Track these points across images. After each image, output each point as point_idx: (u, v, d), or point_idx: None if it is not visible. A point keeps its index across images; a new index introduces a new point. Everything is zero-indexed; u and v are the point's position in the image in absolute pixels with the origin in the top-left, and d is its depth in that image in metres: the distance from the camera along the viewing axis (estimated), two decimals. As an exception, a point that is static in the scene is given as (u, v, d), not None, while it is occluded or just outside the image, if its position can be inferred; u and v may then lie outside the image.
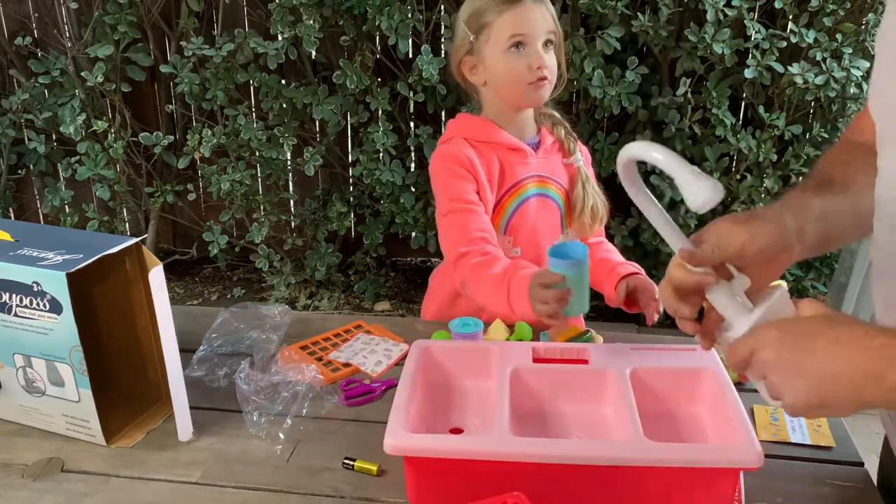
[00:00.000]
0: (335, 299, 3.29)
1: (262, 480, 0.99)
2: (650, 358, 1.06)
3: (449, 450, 0.89)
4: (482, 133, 1.42)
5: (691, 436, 1.01)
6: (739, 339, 0.77)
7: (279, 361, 1.21)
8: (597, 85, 2.63)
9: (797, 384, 0.70)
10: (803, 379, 0.70)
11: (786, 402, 0.72)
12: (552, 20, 1.36)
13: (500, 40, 1.34)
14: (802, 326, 0.74)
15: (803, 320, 0.75)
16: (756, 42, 2.59)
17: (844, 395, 0.69)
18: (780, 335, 0.73)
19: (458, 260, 1.34)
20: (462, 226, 1.35)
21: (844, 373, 0.68)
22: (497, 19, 1.34)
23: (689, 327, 0.86)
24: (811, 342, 0.71)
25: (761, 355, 0.73)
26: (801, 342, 0.71)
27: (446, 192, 1.39)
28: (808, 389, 0.70)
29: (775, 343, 0.73)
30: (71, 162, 3.09)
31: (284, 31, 2.75)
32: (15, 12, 3.18)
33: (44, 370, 1.03)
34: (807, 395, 0.70)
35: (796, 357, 0.71)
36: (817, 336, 0.71)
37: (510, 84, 1.37)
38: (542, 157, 1.45)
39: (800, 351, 0.71)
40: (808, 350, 0.70)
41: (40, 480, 0.99)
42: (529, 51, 1.34)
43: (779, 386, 0.72)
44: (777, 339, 0.73)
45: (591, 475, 0.88)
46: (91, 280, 1.05)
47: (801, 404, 0.71)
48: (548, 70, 1.35)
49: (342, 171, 3.22)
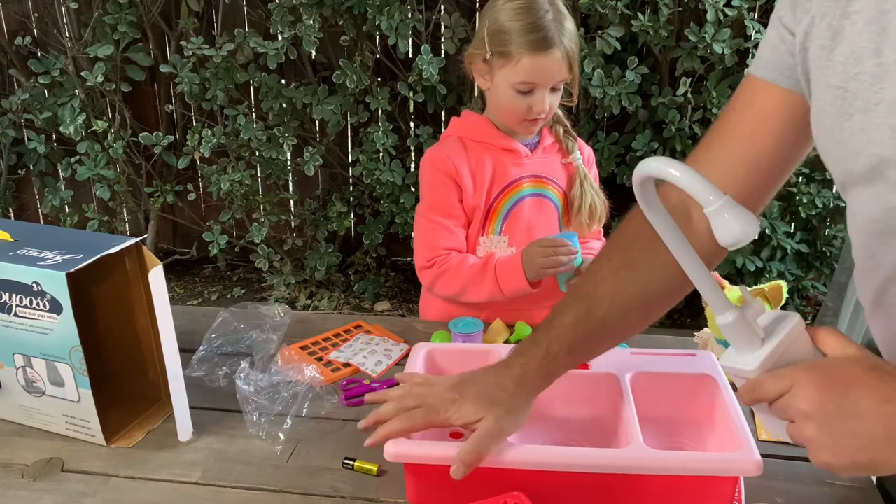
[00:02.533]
0: (335, 299, 3.29)
1: (262, 480, 0.99)
2: (651, 363, 1.06)
3: (448, 456, 0.89)
4: (478, 133, 1.43)
5: (691, 441, 1.01)
6: (764, 378, 0.70)
7: (279, 361, 1.21)
8: (597, 85, 2.62)
9: (841, 443, 0.64)
10: (850, 439, 0.64)
11: (821, 458, 0.66)
12: (568, 68, 1.34)
13: (512, 78, 1.34)
14: (844, 374, 0.67)
15: (842, 366, 0.68)
16: (756, 42, 2.59)
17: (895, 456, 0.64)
18: (821, 384, 0.66)
19: (424, 269, 1.43)
20: (434, 238, 1.42)
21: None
22: (517, 56, 1.32)
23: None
24: (858, 398, 0.64)
25: (798, 404, 0.66)
26: (847, 396, 0.65)
27: (429, 197, 1.44)
28: (856, 451, 0.64)
29: (816, 392, 0.66)
30: (71, 162, 3.09)
31: (284, 31, 2.75)
32: (15, 12, 3.18)
33: (44, 370, 1.03)
34: (852, 456, 0.65)
35: (842, 413, 0.64)
36: (865, 390, 0.64)
37: (507, 113, 1.40)
38: (539, 157, 1.45)
39: (846, 406, 0.64)
40: (856, 407, 0.64)
41: (40, 480, 0.99)
42: (535, 98, 1.35)
43: (817, 440, 0.66)
44: (818, 387, 0.66)
45: (591, 481, 0.88)
46: (91, 280, 1.05)
47: (842, 464, 0.65)
48: (547, 111, 1.37)
49: (342, 171, 3.22)
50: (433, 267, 1.42)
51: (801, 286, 2.95)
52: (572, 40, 1.34)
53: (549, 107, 1.37)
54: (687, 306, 3.00)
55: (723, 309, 0.72)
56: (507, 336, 1.32)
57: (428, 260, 1.42)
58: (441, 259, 1.42)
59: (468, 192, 1.42)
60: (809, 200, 2.75)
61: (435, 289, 1.43)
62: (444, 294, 1.43)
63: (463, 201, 1.43)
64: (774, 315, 0.74)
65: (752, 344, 0.72)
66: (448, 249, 1.42)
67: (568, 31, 1.33)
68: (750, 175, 0.85)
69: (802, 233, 2.93)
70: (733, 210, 0.62)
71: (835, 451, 0.65)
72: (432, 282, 1.43)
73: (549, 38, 1.30)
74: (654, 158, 0.66)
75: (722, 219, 0.62)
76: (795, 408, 0.67)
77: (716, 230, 0.62)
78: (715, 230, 0.62)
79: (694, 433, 1.02)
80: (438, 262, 1.42)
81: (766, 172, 0.85)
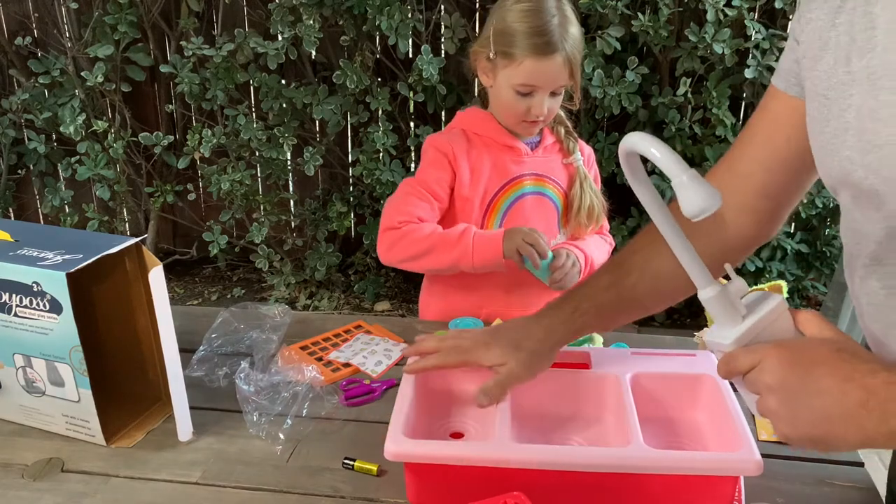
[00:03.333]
0: (335, 299, 3.29)
1: (262, 480, 0.99)
2: (651, 363, 1.06)
3: (449, 456, 0.89)
4: (480, 128, 1.44)
5: (691, 442, 1.01)
6: (738, 351, 0.73)
7: (279, 361, 1.21)
8: (597, 85, 2.63)
9: (800, 416, 0.68)
10: (808, 413, 0.67)
11: (781, 430, 0.70)
12: (569, 73, 1.34)
13: (513, 79, 1.35)
14: (811, 353, 0.70)
15: (811, 345, 0.72)
16: (756, 42, 2.59)
17: (850, 436, 0.66)
18: (788, 359, 0.70)
19: (390, 230, 1.40)
20: (411, 205, 1.41)
21: (855, 415, 0.65)
22: (519, 58, 1.33)
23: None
24: (820, 376, 0.67)
25: (764, 377, 0.70)
26: (810, 373, 0.68)
27: (421, 172, 1.45)
28: (812, 425, 0.68)
29: (781, 368, 0.69)
30: (71, 162, 3.09)
31: (284, 31, 2.75)
32: (15, 12, 3.18)
33: (44, 370, 1.03)
34: (809, 429, 0.68)
35: (804, 389, 0.68)
36: (827, 368, 0.68)
37: (507, 113, 1.41)
38: (540, 157, 1.45)
39: (808, 383, 0.68)
40: (817, 384, 0.67)
41: (40, 480, 0.99)
42: (535, 100, 1.36)
43: (777, 412, 0.70)
44: (783, 363, 0.70)
45: (591, 481, 0.88)
46: (91, 280, 1.05)
47: (798, 436, 0.69)
48: (545, 114, 1.37)
49: (342, 171, 3.22)
50: (400, 228, 1.39)
51: (801, 286, 2.95)
52: (575, 46, 1.34)
53: (548, 110, 1.37)
54: (687, 306, 3.00)
55: (704, 283, 0.75)
56: (507, 336, 1.32)
57: (399, 222, 1.40)
58: (412, 225, 1.39)
59: (462, 181, 1.42)
60: (809, 200, 2.75)
61: (394, 250, 1.40)
62: (400, 256, 1.40)
63: (455, 190, 1.44)
64: (759, 294, 0.78)
65: (734, 320, 0.75)
66: (421, 219, 1.41)
67: (572, 37, 1.33)
68: (768, 177, 0.90)
69: (802, 233, 2.93)
70: (697, 183, 0.67)
71: (793, 423, 0.69)
72: (394, 243, 1.40)
73: (553, 43, 1.31)
74: (637, 134, 0.70)
75: (686, 191, 0.67)
76: (762, 381, 0.70)
77: (681, 202, 0.67)
78: (680, 202, 0.67)
79: (694, 433, 1.02)
80: (407, 225, 1.40)
81: (783, 175, 0.90)
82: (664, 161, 0.68)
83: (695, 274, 0.75)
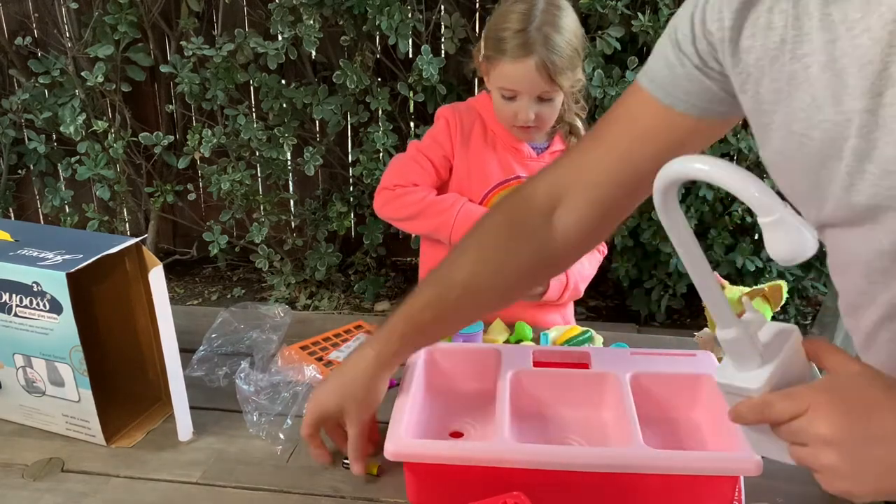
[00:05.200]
0: (335, 299, 3.29)
1: (262, 480, 0.99)
2: (651, 363, 1.06)
3: (448, 455, 0.89)
4: (492, 121, 1.45)
5: (691, 442, 1.00)
6: (774, 397, 0.66)
7: (279, 361, 1.21)
8: (597, 85, 2.62)
9: (865, 469, 0.61)
10: (874, 465, 0.61)
11: (841, 487, 0.63)
12: (547, 79, 1.32)
13: (496, 81, 1.37)
14: (863, 396, 0.64)
15: (859, 386, 0.65)
16: (756, 42, 2.59)
17: None
18: (842, 407, 0.63)
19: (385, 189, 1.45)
20: (411, 172, 1.45)
21: None
22: (499, 63, 1.34)
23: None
24: (880, 421, 0.61)
25: (818, 429, 0.63)
26: (870, 419, 0.62)
27: (426, 138, 1.48)
28: (879, 477, 0.61)
29: (839, 417, 0.62)
30: (71, 162, 3.09)
31: (284, 31, 2.75)
32: (15, 12, 3.18)
33: (44, 370, 1.03)
34: (877, 482, 0.62)
35: (865, 439, 0.61)
36: (885, 412, 0.62)
37: (500, 117, 1.43)
38: (547, 161, 1.45)
39: (869, 431, 0.61)
40: (879, 431, 0.61)
41: (40, 480, 0.99)
42: (519, 105, 1.36)
43: (838, 468, 0.62)
44: (839, 411, 0.63)
45: (591, 480, 0.88)
46: (91, 280, 1.05)
47: (866, 491, 0.62)
48: (536, 120, 1.37)
49: (342, 171, 3.22)
50: (395, 189, 1.44)
51: (801, 286, 2.95)
52: (559, 54, 1.32)
53: (538, 117, 1.37)
54: (687, 306, 3.01)
55: (727, 324, 0.68)
56: (507, 336, 1.32)
57: (394, 185, 1.44)
58: (407, 188, 1.44)
59: (463, 160, 1.44)
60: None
61: (386, 209, 1.46)
62: (390, 216, 1.46)
63: (454, 164, 1.45)
64: (773, 329, 0.71)
65: (753, 360, 0.68)
66: (416, 185, 1.44)
67: (555, 45, 1.31)
68: (614, 191, 0.87)
69: (802, 233, 2.92)
70: (792, 224, 0.57)
71: (856, 478, 0.62)
72: (386, 202, 1.45)
73: (527, 46, 1.30)
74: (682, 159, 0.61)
75: (776, 233, 0.58)
76: (813, 433, 0.63)
77: (768, 244, 0.59)
78: (767, 244, 0.59)
79: (694, 433, 1.02)
80: (402, 188, 1.44)
81: (629, 192, 0.87)
82: (751, 194, 0.57)
83: (718, 313, 0.68)
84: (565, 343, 1.27)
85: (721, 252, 2.82)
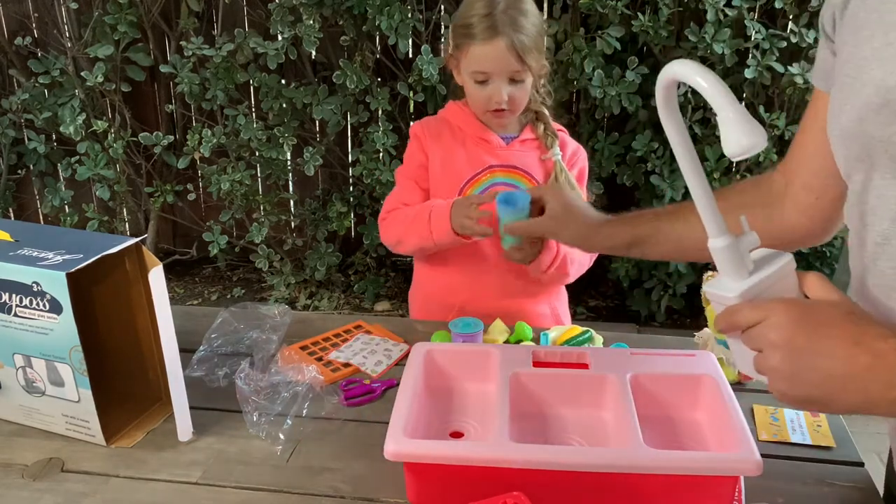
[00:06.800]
0: (335, 299, 3.29)
1: (262, 480, 0.99)
2: (650, 363, 1.06)
3: (448, 456, 0.89)
4: (460, 119, 1.50)
5: (691, 442, 1.01)
6: (743, 305, 0.72)
7: (279, 361, 1.21)
8: (597, 85, 2.63)
9: (802, 375, 0.68)
10: (811, 372, 0.67)
11: (778, 387, 0.70)
12: (517, 59, 1.35)
13: (468, 68, 1.40)
14: (822, 314, 0.69)
15: (821, 306, 0.71)
16: (756, 42, 2.59)
17: (851, 398, 0.67)
18: (796, 317, 0.69)
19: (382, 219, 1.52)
20: (400, 194, 1.52)
21: (860, 378, 0.65)
22: (470, 47, 1.37)
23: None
24: (828, 336, 0.67)
25: (769, 333, 0.69)
26: (818, 333, 0.67)
27: (404, 160, 1.56)
28: (813, 385, 0.67)
29: (789, 325, 0.68)
30: (71, 162, 3.09)
31: (284, 31, 2.75)
32: (15, 12, 3.18)
33: (44, 370, 1.03)
34: (808, 389, 0.68)
35: (810, 348, 0.67)
36: (836, 330, 0.67)
37: (473, 105, 1.46)
38: (517, 150, 1.48)
39: (815, 342, 0.67)
40: (825, 344, 0.67)
41: (40, 480, 0.99)
42: (492, 87, 1.38)
43: (779, 369, 0.69)
44: (791, 320, 0.69)
45: (591, 480, 0.88)
46: (91, 280, 1.05)
47: (796, 394, 0.69)
48: (509, 103, 1.39)
49: (342, 171, 3.22)
50: (388, 214, 1.51)
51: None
52: (527, 34, 1.35)
53: (511, 98, 1.38)
54: (687, 306, 3.01)
55: (717, 232, 0.73)
56: (507, 336, 1.32)
57: (387, 211, 1.52)
58: (398, 210, 1.50)
59: (434, 163, 1.48)
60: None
61: (385, 236, 1.51)
62: (388, 241, 1.51)
63: (429, 172, 1.49)
64: (768, 251, 0.76)
65: (740, 273, 0.74)
66: (407, 205, 1.49)
67: (522, 26, 1.35)
68: (828, 187, 0.93)
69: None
70: (744, 119, 0.64)
71: (793, 381, 0.69)
72: (384, 229, 1.51)
73: (494, 28, 1.34)
74: (683, 62, 0.68)
75: (732, 127, 0.65)
76: (766, 337, 0.70)
77: (724, 138, 0.65)
78: (723, 139, 0.65)
79: (694, 433, 1.02)
80: (394, 212, 1.50)
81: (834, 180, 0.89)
82: (711, 92, 0.65)
83: (709, 221, 0.73)
84: (565, 343, 1.27)
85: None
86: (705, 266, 2.81)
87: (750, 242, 0.75)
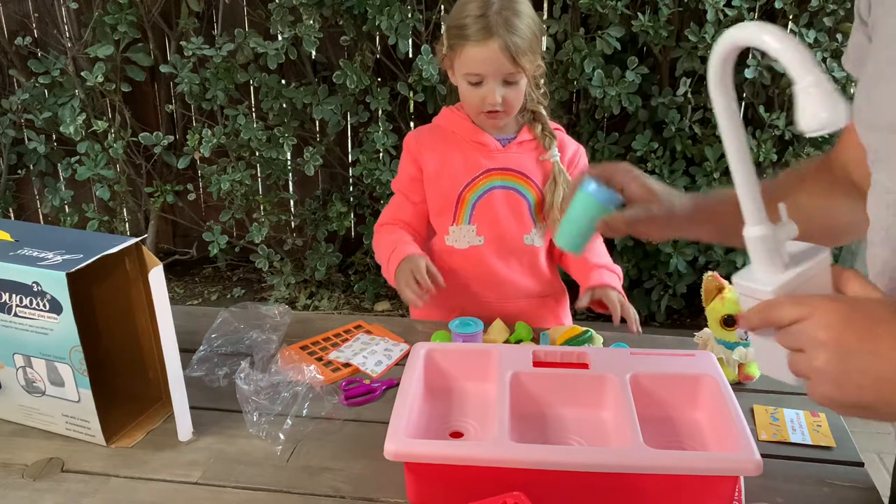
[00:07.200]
0: (335, 299, 3.29)
1: (262, 480, 0.99)
2: (650, 363, 1.06)
3: (448, 456, 0.89)
4: (454, 124, 1.49)
5: (691, 442, 1.01)
6: (783, 300, 0.66)
7: (279, 361, 1.21)
8: (597, 85, 2.63)
9: (850, 378, 0.62)
10: (859, 375, 0.62)
11: (824, 391, 0.64)
12: (511, 60, 1.34)
13: (461, 69, 1.39)
14: (870, 311, 0.64)
15: (869, 303, 0.66)
16: (756, 42, 2.59)
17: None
18: (845, 315, 0.63)
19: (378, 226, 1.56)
20: (394, 208, 1.54)
21: None
22: (463, 49, 1.37)
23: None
24: (880, 336, 0.62)
25: (815, 332, 0.63)
26: (869, 332, 0.62)
27: (399, 169, 1.57)
28: (861, 388, 0.62)
29: (838, 323, 0.63)
30: (71, 162, 3.09)
31: (284, 31, 2.75)
32: (15, 12, 3.18)
33: (44, 370, 1.03)
34: (856, 392, 0.62)
35: (860, 348, 0.62)
36: (888, 329, 0.62)
37: (467, 107, 1.45)
38: (514, 153, 1.47)
39: (866, 342, 0.62)
40: (875, 345, 0.62)
41: (40, 480, 0.99)
42: (486, 89, 1.38)
43: (825, 371, 0.63)
44: (842, 320, 0.63)
45: (591, 480, 0.88)
46: (91, 280, 1.05)
47: (844, 398, 0.63)
48: (503, 105, 1.39)
49: (342, 171, 3.22)
50: (380, 227, 1.54)
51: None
52: (521, 36, 1.35)
53: (505, 100, 1.38)
54: (687, 306, 3.01)
55: (756, 221, 0.68)
56: (507, 336, 1.32)
57: (380, 224, 1.55)
58: (385, 227, 1.53)
59: (429, 172, 1.48)
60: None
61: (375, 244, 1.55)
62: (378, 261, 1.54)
63: (424, 182, 1.50)
64: (803, 245, 0.72)
65: (774, 265, 0.69)
66: (399, 220, 1.52)
67: (516, 27, 1.35)
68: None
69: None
70: (825, 91, 0.57)
71: (840, 385, 0.63)
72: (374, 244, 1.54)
73: (488, 29, 1.33)
74: (752, 25, 0.61)
75: (809, 99, 0.58)
76: (811, 335, 0.64)
77: (799, 110, 0.59)
78: (798, 110, 0.59)
79: (694, 433, 1.02)
80: (386, 226, 1.53)
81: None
82: (786, 55, 0.58)
83: (748, 208, 0.68)
84: (565, 343, 1.27)
85: (721, 252, 2.82)
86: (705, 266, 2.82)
87: (787, 233, 0.69)
